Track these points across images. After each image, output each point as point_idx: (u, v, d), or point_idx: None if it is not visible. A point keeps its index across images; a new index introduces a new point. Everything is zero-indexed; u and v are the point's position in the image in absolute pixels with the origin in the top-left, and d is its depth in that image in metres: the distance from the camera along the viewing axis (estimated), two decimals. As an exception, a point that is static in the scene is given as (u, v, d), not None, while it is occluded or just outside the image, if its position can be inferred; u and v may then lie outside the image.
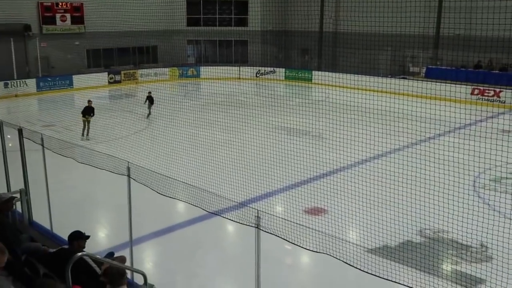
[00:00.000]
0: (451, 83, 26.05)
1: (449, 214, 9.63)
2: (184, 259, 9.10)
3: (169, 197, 7.96)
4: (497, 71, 28.10)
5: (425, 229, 9.36)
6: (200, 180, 10.43)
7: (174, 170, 10.29)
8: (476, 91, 26.33)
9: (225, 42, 38.59)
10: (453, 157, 14.04)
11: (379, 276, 6.35)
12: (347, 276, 7.96)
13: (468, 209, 10.01)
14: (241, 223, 7.17)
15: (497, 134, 18.59)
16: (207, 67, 35.09)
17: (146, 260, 9.21)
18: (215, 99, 26.43)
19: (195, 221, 10.50)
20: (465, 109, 23.92)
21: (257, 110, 23.33)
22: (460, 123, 19.61)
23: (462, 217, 9.25)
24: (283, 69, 35.64)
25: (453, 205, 10.08)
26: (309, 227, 9.21)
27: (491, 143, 15.99)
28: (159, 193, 7.47)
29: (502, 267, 7.71)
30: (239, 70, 35.31)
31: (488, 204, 11.04)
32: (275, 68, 35.65)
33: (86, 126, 18.28)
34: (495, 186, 12.45)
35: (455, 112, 16.86)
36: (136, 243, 8.53)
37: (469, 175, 12.74)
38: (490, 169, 13.67)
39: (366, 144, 15.91)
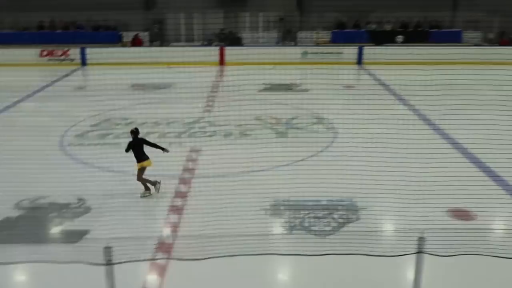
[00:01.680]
0: (16, 47, 25.07)
1: (44, 178, 9.60)
2: None
3: None
4: (60, 30, 28.66)
5: (22, 200, 9.07)
6: None
7: None
8: (45, 52, 26.20)
9: None
10: (36, 121, 13.87)
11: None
12: None
13: (61, 168, 10.23)
14: None
15: (71, 91, 19.22)
16: None
17: None
18: None
19: None
20: (39, 71, 23.73)
21: None
22: (35, 86, 19.33)
23: (55, 178, 9.40)
24: None
25: (46, 168, 10.09)
26: None
27: (68, 101, 16.50)
28: None
29: (99, 212, 8.33)
30: None
31: (79, 159, 11.51)
32: None
33: None
34: (81, 140, 13.01)
35: (28, 76, 16.51)
36: None
37: (55, 136, 12.94)
38: (73, 125, 14.19)
39: None
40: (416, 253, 6.28)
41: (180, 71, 16.26)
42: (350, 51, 26.68)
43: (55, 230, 8.41)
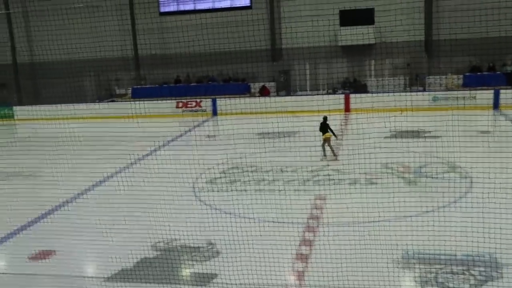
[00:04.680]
0: (157, 100, 27.50)
1: (177, 222, 10.16)
2: None
3: None
4: (194, 84, 30.84)
5: (158, 242, 9.63)
6: None
7: None
8: (180, 104, 28.33)
9: None
10: (170, 168, 14.82)
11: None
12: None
13: (193, 213, 10.76)
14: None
15: (203, 140, 20.39)
16: None
17: None
18: None
19: None
20: (174, 122, 25.55)
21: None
22: (171, 136, 20.85)
23: (187, 222, 9.88)
24: (-24, 109, 31.81)
25: (180, 213, 10.69)
26: (36, 274, 8.50)
27: (200, 149, 17.46)
28: None
29: (228, 257, 8.53)
30: None
31: (209, 205, 12.02)
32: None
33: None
34: (211, 186, 13.63)
35: (165, 127, 17.82)
36: None
37: (188, 182, 13.68)
38: (204, 172, 14.93)
39: (86, 173, 15.48)
40: None
41: (306, 120, 16.45)
42: (484, 95, 25.11)
43: (186, 272, 8.75)
